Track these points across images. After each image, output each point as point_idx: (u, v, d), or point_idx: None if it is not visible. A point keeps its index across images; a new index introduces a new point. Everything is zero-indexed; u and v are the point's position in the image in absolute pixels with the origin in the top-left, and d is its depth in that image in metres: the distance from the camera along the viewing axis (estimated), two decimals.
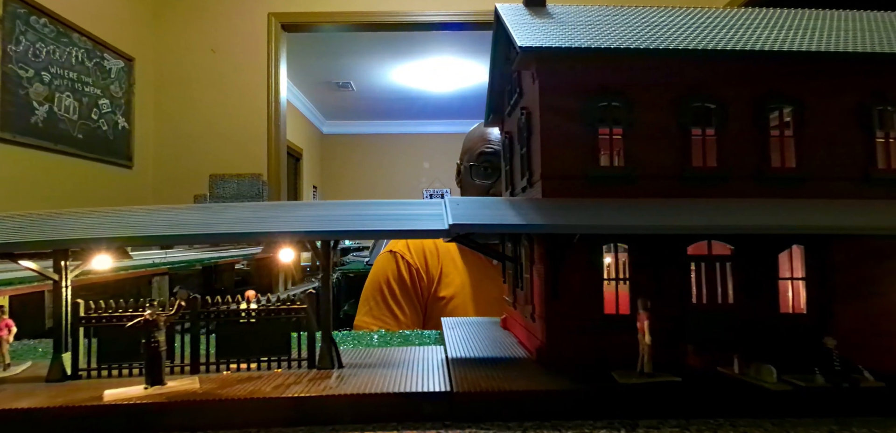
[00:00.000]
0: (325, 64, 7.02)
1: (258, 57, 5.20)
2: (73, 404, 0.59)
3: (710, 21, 0.84)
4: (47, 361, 0.80)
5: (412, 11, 5.30)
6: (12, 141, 3.73)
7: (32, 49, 3.97)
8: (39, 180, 3.94)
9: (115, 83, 4.81)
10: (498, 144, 1.56)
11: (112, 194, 4.64)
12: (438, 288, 1.61)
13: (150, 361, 0.63)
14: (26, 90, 3.88)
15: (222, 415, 0.59)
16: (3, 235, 0.62)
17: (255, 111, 5.19)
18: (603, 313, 0.73)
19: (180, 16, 5.24)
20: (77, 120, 4.35)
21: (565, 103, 0.75)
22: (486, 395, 0.60)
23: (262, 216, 0.68)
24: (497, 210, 0.68)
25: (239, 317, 0.72)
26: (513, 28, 0.78)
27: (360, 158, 9.65)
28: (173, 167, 5.18)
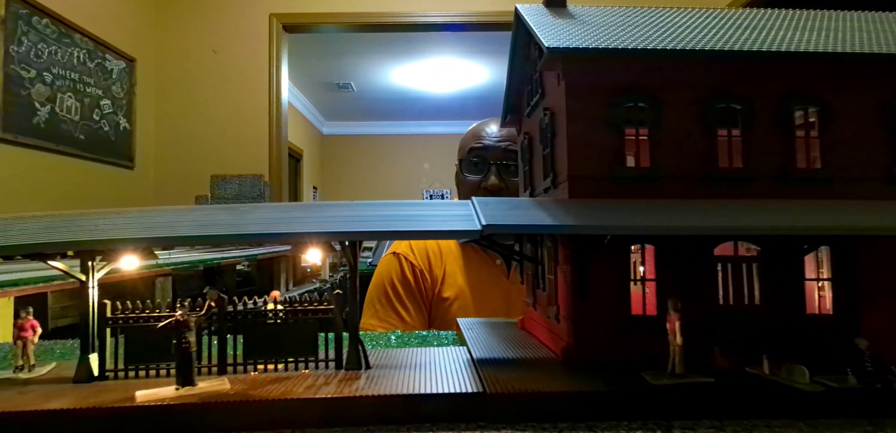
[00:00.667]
0: (326, 65, 7.01)
1: (259, 57, 5.20)
2: (105, 405, 0.59)
3: (732, 22, 0.84)
4: (71, 362, 0.80)
5: (413, 12, 5.30)
6: (14, 141, 3.72)
7: (34, 50, 3.96)
8: (41, 181, 3.93)
9: (117, 84, 4.80)
10: (489, 140, 1.63)
11: (113, 195, 4.64)
12: (442, 288, 1.62)
13: (182, 362, 0.63)
14: (28, 91, 3.88)
15: (255, 416, 0.59)
16: (34, 235, 0.62)
17: (257, 112, 5.19)
18: (630, 314, 0.73)
19: (181, 16, 5.24)
20: (79, 120, 4.35)
21: (591, 104, 0.75)
22: (520, 396, 0.60)
23: (290, 216, 0.68)
24: (527, 210, 0.68)
25: (267, 318, 0.71)
26: (537, 29, 0.78)
27: (359, 159, 9.65)
28: (174, 168, 5.17)
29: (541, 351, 0.84)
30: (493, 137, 1.63)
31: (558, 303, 0.79)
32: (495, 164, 1.60)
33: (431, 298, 1.64)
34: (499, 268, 1.60)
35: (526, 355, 0.81)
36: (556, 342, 0.80)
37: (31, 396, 0.62)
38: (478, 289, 1.59)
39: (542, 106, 0.87)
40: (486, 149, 1.63)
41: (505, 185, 1.59)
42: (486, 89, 7.94)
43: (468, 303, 1.58)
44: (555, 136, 0.81)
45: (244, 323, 0.71)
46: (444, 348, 0.86)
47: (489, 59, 6.96)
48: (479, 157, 1.64)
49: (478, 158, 1.64)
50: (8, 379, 0.72)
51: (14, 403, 0.60)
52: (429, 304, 1.64)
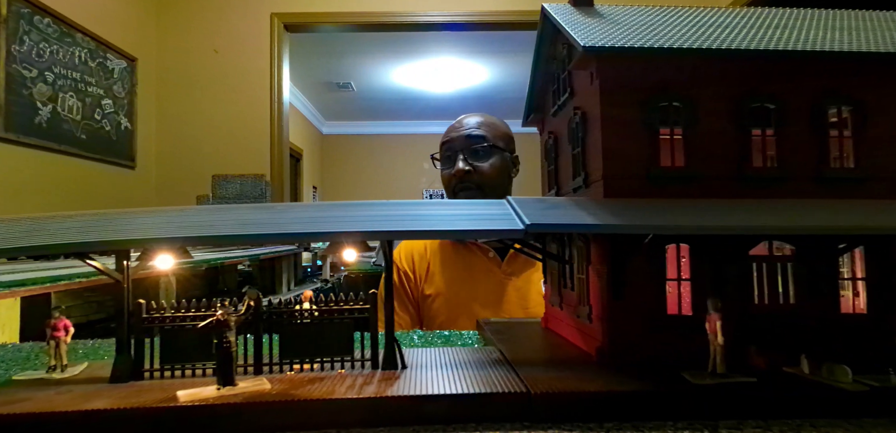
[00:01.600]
0: (326, 64, 7.02)
1: (261, 57, 5.20)
2: (148, 405, 0.58)
3: (762, 21, 0.84)
4: (102, 362, 0.80)
5: (415, 12, 5.30)
6: (16, 141, 3.71)
7: (36, 49, 3.95)
8: (43, 181, 3.92)
9: (118, 83, 4.79)
10: (454, 132, 1.75)
11: (114, 195, 4.63)
12: (425, 286, 1.70)
13: (223, 362, 0.63)
14: (30, 90, 3.87)
15: (298, 415, 0.59)
16: (73, 235, 0.62)
17: (258, 111, 5.19)
18: (665, 313, 0.73)
19: (183, 16, 5.23)
20: (80, 120, 4.33)
21: (626, 104, 0.75)
22: (565, 396, 0.60)
23: (328, 216, 0.68)
24: (566, 210, 0.68)
25: (303, 318, 0.71)
26: (570, 28, 0.78)
27: (359, 159, 9.65)
28: (176, 167, 5.17)
29: (570, 350, 0.84)
30: (456, 129, 1.75)
31: (590, 302, 0.79)
32: (461, 151, 1.70)
33: (418, 297, 1.72)
34: (492, 260, 1.66)
35: (557, 355, 0.81)
36: (588, 341, 0.80)
37: (70, 396, 0.62)
38: (467, 283, 1.64)
39: (571, 105, 0.86)
40: (451, 141, 1.75)
41: (472, 168, 1.68)
42: (485, 89, 7.96)
43: (453, 298, 1.64)
44: (586, 136, 0.81)
45: (280, 322, 0.71)
46: (473, 348, 0.86)
47: (489, 59, 6.97)
48: (448, 150, 1.76)
49: (447, 152, 1.76)
50: (41, 379, 0.71)
51: (54, 403, 0.59)
52: (415, 303, 1.72)
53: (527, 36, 4.68)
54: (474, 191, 1.67)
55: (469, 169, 1.68)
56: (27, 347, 1.06)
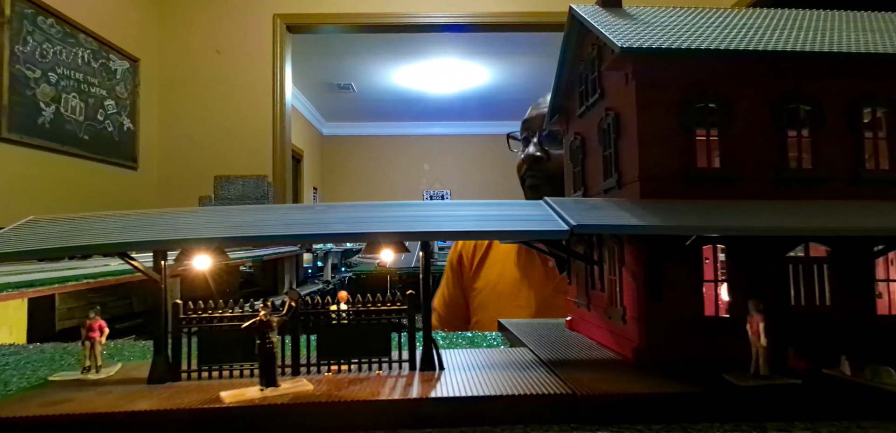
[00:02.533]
0: (327, 65, 7.02)
1: (263, 58, 5.20)
2: (194, 406, 0.58)
3: (793, 22, 0.84)
4: (136, 363, 0.79)
5: (417, 13, 5.31)
6: (20, 142, 3.70)
7: (39, 49, 3.94)
8: (46, 181, 3.91)
9: (121, 84, 4.78)
10: (530, 113, 1.64)
11: (117, 196, 4.62)
12: (475, 277, 1.68)
13: (265, 362, 0.62)
14: (33, 91, 3.86)
15: (345, 417, 0.59)
16: (117, 235, 0.62)
17: (260, 112, 5.18)
18: (703, 315, 0.73)
19: (185, 17, 5.23)
20: (83, 121, 4.32)
21: (662, 105, 0.75)
22: (613, 397, 0.60)
23: (370, 216, 0.68)
24: (609, 211, 0.68)
25: (341, 319, 0.71)
26: (605, 29, 0.78)
27: (360, 160, 9.65)
28: (178, 168, 5.16)
29: (601, 351, 0.84)
30: (537, 107, 1.63)
31: (624, 304, 0.79)
32: (536, 133, 1.58)
33: (465, 285, 1.70)
34: (549, 270, 1.57)
35: (590, 356, 0.81)
36: (621, 343, 0.80)
37: (113, 397, 0.61)
38: (517, 287, 1.59)
39: (602, 107, 0.86)
40: (529, 119, 1.62)
41: (545, 154, 1.56)
42: (486, 90, 7.96)
43: (495, 297, 1.60)
44: (619, 137, 0.81)
45: (317, 323, 0.71)
46: (504, 349, 0.86)
47: (490, 60, 6.98)
48: (525, 131, 1.63)
49: (524, 132, 1.64)
50: (77, 380, 0.71)
51: (98, 404, 0.59)
52: (465, 289, 1.71)
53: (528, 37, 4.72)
54: (542, 181, 1.54)
55: (540, 154, 1.54)
56: (49, 348, 1.06)
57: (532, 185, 1.57)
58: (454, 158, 9.58)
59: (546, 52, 6.62)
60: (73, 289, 2.55)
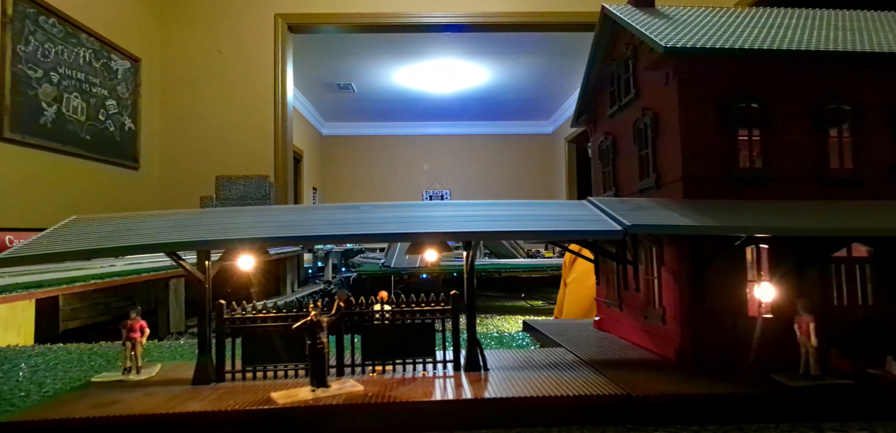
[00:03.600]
0: (327, 65, 7.00)
1: (265, 58, 5.18)
2: (248, 407, 0.58)
3: (832, 23, 0.84)
4: (176, 363, 0.79)
5: (419, 12, 5.30)
6: (22, 142, 3.68)
7: (41, 49, 3.92)
8: (47, 182, 3.89)
9: (122, 84, 4.76)
10: None
11: (118, 196, 4.60)
12: (568, 274, 1.89)
13: (316, 363, 0.62)
14: (35, 90, 3.84)
15: (399, 418, 0.58)
16: (166, 234, 0.61)
17: (262, 112, 5.16)
18: (747, 315, 0.73)
19: (187, 17, 5.21)
20: (85, 121, 4.31)
21: (704, 105, 0.75)
22: (668, 398, 0.60)
23: (419, 216, 0.67)
24: (658, 211, 0.68)
25: (385, 319, 0.71)
26: (645, 29, 0.78)
27: (359, 160, 9.63)
28: (179, 168, 5.14)
29: (637, 352, 0.84)
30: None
31: (663, 304, 0.79)
32: None
33: (565, 278, 1.92)
34: None
35: (628, 356, 0.81)
36: (660, 343, 0.79)
37: (162, 399, 0.61)
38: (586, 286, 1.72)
39: (637, 106, 0.86)
40: None
41: None
42: (486, 90, 7.96)
43: (577, 294, 1.77)
44: (658, 137, 0.81)
45: (363, 324, 0.70)
46: (543, 349, 0.85)
47: (489, 60, 6.97)
48: None
49: None
50: (119, 381, 0.70)
51: (150, 405, 0.59)
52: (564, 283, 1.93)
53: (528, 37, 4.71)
54: None
55: None
56: (74, 348, 1.05)
57: None
58: (454, 158, 9.57)
59: (546, 51, 6.62)
60: (81, 289, 2.55)
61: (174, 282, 3.25)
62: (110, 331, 3.11)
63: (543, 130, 9.54)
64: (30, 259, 0.56)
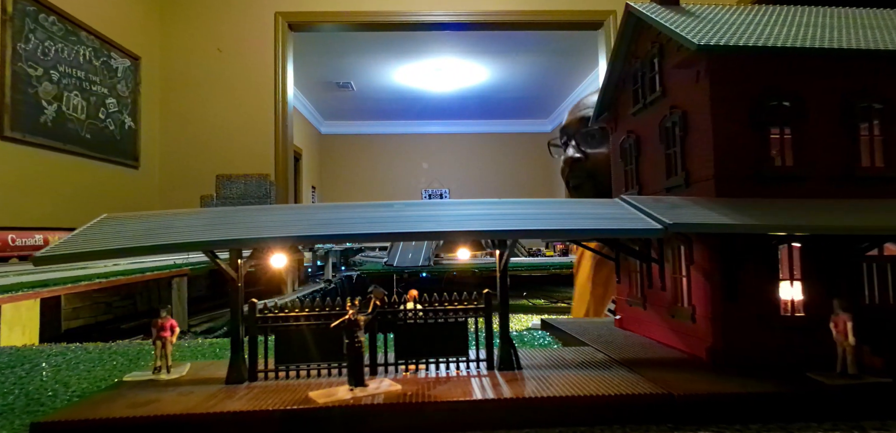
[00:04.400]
0: (326, 64, 6.98)
1: (265, 56, 5.16)
2: (288, 407, 0.57)
3: (860, 21, 0.84)
4: (206, 362, 0.78)
5: (419, 11, 5.29)
6: (22, 141, 3.66)
7: (41, 47, 3.90)
8: (48, 181, 3.87)
9: (122, 82, 4.74)
10: (566, 118, 1.73)
11: (118, 195, 4.58)
12: (575, 273, 1.85)
13: (353, 362, 0.62)
14: (36, 89, 3.82)
15: (439, 417, 0.58)
16: (201, 233, 0.61)
17: (262, 111, 5.15)
18: (779, 314, 0.73)
19: (187, 15, 5.19)
20: (85, 119, 4.29)
21: (736, 103, 0.74)
22: (710, 397, 0.59)
23: (446, 215, 0.67)
24: (695, 209, 0.68)
25: (418, 318, 0.70)
26: (675, 27, 0.78)
27: (358, 159, 9.62)
28: (179, 167, 5.12)
29: (665, 350, 0.84)
30: (572, 112, 1.72)
31: (693, 303, 0.79)
32: (574, 136, 1.66)
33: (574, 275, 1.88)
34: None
35: (657, 355, 0.81)
36: (690, 342, 0.79)
37: (199, 398, 0.60)
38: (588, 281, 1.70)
39: (664, 104, 0.86)
40: (566, 125, 1.71)
41: (584, 154, 1.63)
42: (485, 89, 7.96)
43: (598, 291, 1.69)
44: (687, 135, 0.80)
45: (396, 323, 0.70)
46: (569, 348, 0.85)
47: (489, 58, 6.98)
48: (563, 136, 1.73)
49: (563, 137, 1.73)
50: (150, 380, 0.70)
51: (189, 405, 0.58)
52: None
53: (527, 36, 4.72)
54: (584, 179, 1.61)
55: (579, 156, 1.61)
56: (92, 347, 1.04)
57: (575, 185, 1.64)
58: (453, 157, 9.57)
59: (545, 50, 6.62)
60: (86, 289, 2.53)
61: (177, 281, 3.23)
62: (112, 331, 3.10)
63: (542, 129, 9.54)
64: (67, 257, 0.55)
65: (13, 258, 3.10)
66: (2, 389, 0.78)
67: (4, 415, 0.66)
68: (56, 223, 3.27)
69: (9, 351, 1.05)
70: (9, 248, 3.01)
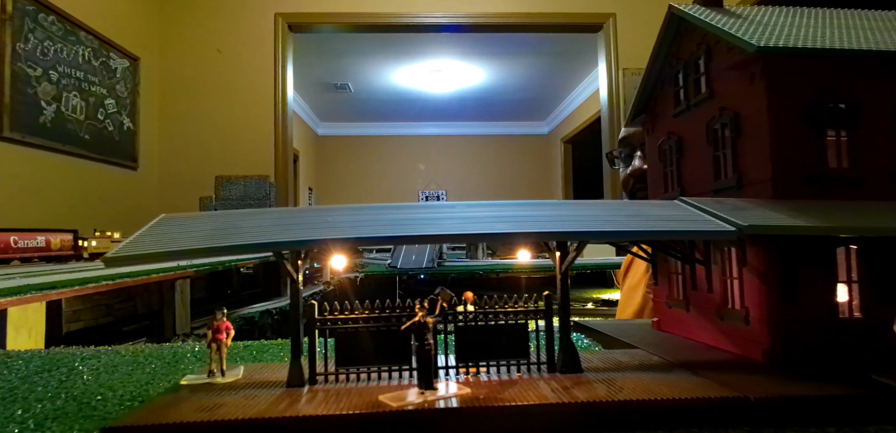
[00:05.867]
0: (324, 65, 6.97)
1: (265, 57, 5.15)
2: (362, 411, 0.56)
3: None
4: (257, 365, 0.77)
5: (420, 12, 5.30)
6: (22, 141, 3.62)
7: (40, 47, 3.86)
8: (46, 182, 3.83)
9: (121, 83, 4.71)
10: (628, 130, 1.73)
11: (117, 196, 4.55)
12: (624, 279, 1.86)
13: (424, 364, 0.61)
14: (35, 89, 3.78)
15: (515, 421, 0.57)
16: (271, 233, 0.60)
17: (262, 112, 5.13)
18: (837, 316, 0.72)
19: (186, 15, 5.16)
20: (84, 120, 4.25)
21: (792, 105, 0.74)
22: (787, 400, 0.59)
23: (509, 216, 0.66)
24: (764, 211, 0.67)
25: (479, 320, 0.70)
26: (729, 28, 0.78)
27: (355, 160, 9.60)
28: (178, 169, 5.09)
29: (714, 353, 0.83)
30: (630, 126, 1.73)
31: (746, 305, 0.78)
32: (640, 147, 1.69)
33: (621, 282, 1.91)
34: None
35: (710, 357, 0.81)
36: (741, 344, 0.79)
37: (265, 402, 0.59)
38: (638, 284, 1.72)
39: (712, 106, 0.86)
40: (627, 138, 1.74)
41: None
42: (482, 90, 7.97)
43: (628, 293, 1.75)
44: (739, 137, 0.80)
45: (455, 324, 0.69)
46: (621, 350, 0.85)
47: (486, 60, 6.99)
48: (626, 148, 1.75)
49: (626, 149, 1.75)
50: (208, 384, 0.69)
51: (255, 409, 0.57)
52: None
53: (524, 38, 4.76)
54: None
55: (646, 167, 1.65)
56: (123, 349, 1.03)
57: (642, 198, 1.66)
58: (450, 159, 9.58)
59: (542, 52, 6.64)
60: (93, 291, 2.51)
61: (180, 283, 3.21)
62: (113, 333, 3.07)
63: (539, 131, 9.57)
64: (142, 258, 0.54)
65: (15, 260, 3.06)
66: (47, 394, 0.77)
67: (59, 419, 0.65)
68: (55, 224, 3.23)
69: (39, 354, 1.03)
70: (11, 250, 2.98)
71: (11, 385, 0.82)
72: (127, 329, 3.37)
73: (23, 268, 2.82)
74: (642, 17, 5.11)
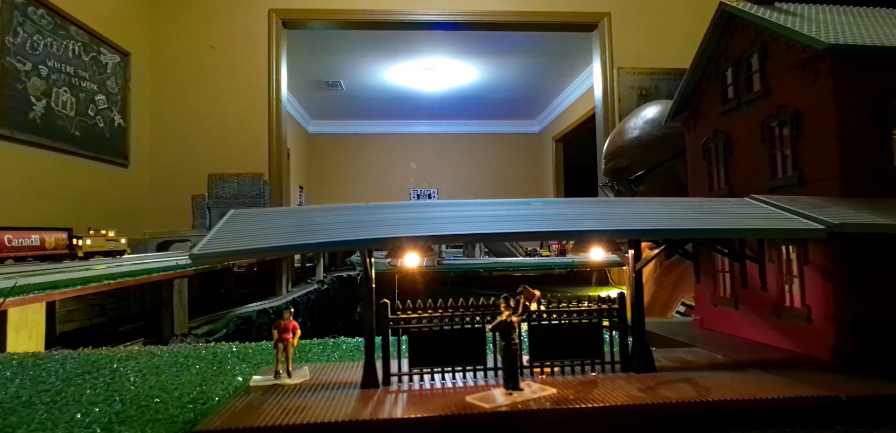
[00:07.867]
0: (316, 62, 6.91)
1: (258, 54, 5.08)
2: (452, 412, 0.55)
3: None
4: (319, 365, 0.75)
5: (414, 9, 5.27)
6: (11, 137, 3.54)
7: (30, 41, 3.78)
8: (36, 179, 3.75)
9: (112, 79, 4.62)
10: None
11: (108, 194, 4.46)
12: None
13: (509, 364, 0.60)
14: (24, 84, 3.70)
15: (607, 421, 0.56)
16: (351, 231, 0.58)
17: (255, 109, 5.06)
18: None
19: (178, 10, 5.08)
20: (74, 116, 4.17)
21: (859, 103, 0.74)
22: (879, 400, 0.59)
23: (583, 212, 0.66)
24: (846, 209, 0.67)
25: (552, 318, 0.69)
26: (792, 25, 0.78)
27: (346, 158, 9.55)
28: (170, 166, 5.01)
29: (769, 351, 0.83)
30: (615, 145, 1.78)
31: (807, 303, 0.78)
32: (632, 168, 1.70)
33: None
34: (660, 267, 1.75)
35: (768, 356, 0.80)
36: (802, 343, 0.79)
37: (344, 404, 0.58)
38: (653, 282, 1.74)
39: (768, 103, 0.86)
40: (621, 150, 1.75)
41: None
42: (475, 89, 7.97)
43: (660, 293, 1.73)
44: (800, 135, 0.80)
45: (530, 323, 0.68)
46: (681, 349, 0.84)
47: (479, 59, 6.99)
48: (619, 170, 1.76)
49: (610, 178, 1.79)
50: (276, 385, 0.67)
51: (339, 411, 0.56)
52: None
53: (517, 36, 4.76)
54: None
55: None
56: (159, 351, 1.00)
57: None
58: (442, 157, 9.57)
59: (535, 51, 6.65)
60: (96, 290, 2.46)
61: (178, 282, 3.16)
62: (108, 334, 3.01)
63: (530, 130, 9.59)
64: (227, 255, 0.53)
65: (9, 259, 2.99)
66: (99, 396, 0.74)
67: (125, 423, 0.63)
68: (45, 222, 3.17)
69: (72, 356, 1.01)
70: (5, 249, 2.91)
71: (56, 388, 0.80)
72: (122, 329, 3.31)
73: (18, 267, 2.76)
74: (637, 16, 5.13)
